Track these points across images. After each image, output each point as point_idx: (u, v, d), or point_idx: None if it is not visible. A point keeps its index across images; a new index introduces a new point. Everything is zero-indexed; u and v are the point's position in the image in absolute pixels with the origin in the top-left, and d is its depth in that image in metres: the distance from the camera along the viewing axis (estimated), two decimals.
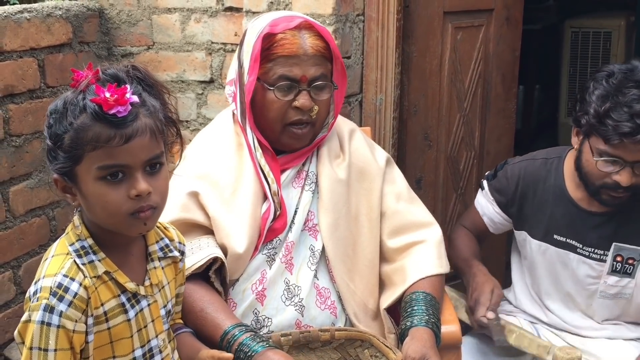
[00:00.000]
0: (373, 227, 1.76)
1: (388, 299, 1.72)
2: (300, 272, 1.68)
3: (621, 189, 1.78)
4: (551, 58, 4.93)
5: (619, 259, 1.89)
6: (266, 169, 1.68)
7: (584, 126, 1.80)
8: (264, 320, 1.64)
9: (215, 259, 1.61)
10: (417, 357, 1.51)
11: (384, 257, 1.79)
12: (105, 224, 1.26)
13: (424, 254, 1.75)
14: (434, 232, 1.80)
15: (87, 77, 1.21)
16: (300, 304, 1.65)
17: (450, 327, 1.68)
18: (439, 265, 1.75)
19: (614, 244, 1.88)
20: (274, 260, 1.68)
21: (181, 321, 1.55)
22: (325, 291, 1.70)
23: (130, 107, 1.20)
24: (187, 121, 2.48)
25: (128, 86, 1.21)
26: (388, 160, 1.86)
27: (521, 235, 2.04)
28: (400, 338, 1.62)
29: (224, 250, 1.65)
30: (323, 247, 1.71)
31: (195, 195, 1.67)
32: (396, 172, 1.87)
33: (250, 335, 1.50)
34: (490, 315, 1.84)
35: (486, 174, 2.15)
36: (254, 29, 1.68)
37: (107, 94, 1.18)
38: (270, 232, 1.68)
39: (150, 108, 1.25)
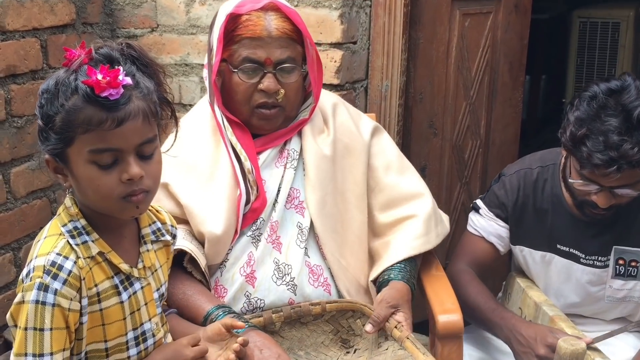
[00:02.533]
0: (360, 202, 1.76)
1: (374, 272, 1.73)
2: (289, 251, 1.67)
3: (601, 209, 1.74)
4: (558, 48, 4.89)
5: (621, 262, 1.85)
6: (238, 146, 1.67)
7: (563, 144, 1.75)
8: (256, 301, 1.63)
9: (185, 252, 1.60)
10: (392, 303, 1.57)
11: (375, 232, 1.79)
12: (96, 207, 1.24)
13: (411, 231, 1.75)
14: (424, 205, 1.79)
15: (80, 57, 1.18)
16: (292, 282, 1.65)
17: (452, 317, 1.66)
18: (426, 242, 1.76)
19: (614, 247, 1.84)
20: (260, 241, 1.67)
21: (166, 302, 1.54)
22: (318, 268, 1.69)
23: (122, 90, 1.17)
24: (190, 105, 2.45)
25: (121, 68, 1.18)
26: (374, 130, 1.84)
27: (516, 250, 1.99)
28: (378, 289, 1.67)
29: (202, 238, 1.64)
30: (311, 224, 1.70)
31: (164, 186, 1.66)
32: (384, 142, 1.85)
33: (233, 317, 1.50)
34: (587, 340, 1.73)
35: (480, 196, 2.06)
36: (223, 9, 1.66)
37: (99, 76, 1.15)
38: (251, 212, 1.66)
39: (144, 90, 1.22)
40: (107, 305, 1.26)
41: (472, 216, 2.03)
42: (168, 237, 1.41)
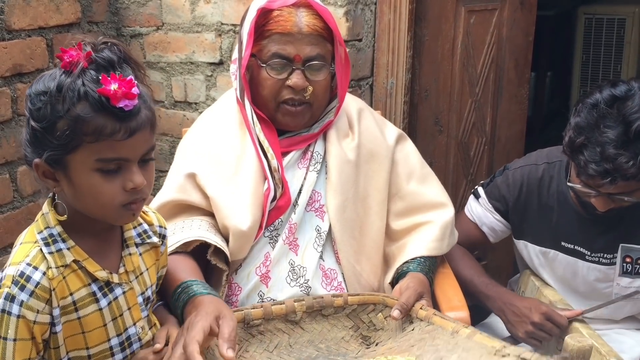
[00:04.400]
0: (380, 209, 1.76)
1: (390, 274, 1.74)
2: (305, 253, 1.67)
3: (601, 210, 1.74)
4: (564, 44, 4.87)
5: (628, 260, 1.85)
6: (265, 144, 1.66)
7: (563, 148, 1.75)
8: (269, 301, 1.62)
9: (209, 244, 1.58)
10: (419, 291, 1.56)
11: (391, 237, 1.79)
12: (91, 214, 1.23)
13: (428, 234, 1.75)
14: (443, 214, 1.79)
15: (80, 60, 1.15)
16: (306, 284, 1.65)
17: (459, 313, 1.67)
18: (439, 247, 1.76)
19: (621, 245, 1.84)
20: (277, 242, 1.67)
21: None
22: (332, 272, 1.69)
23: (137, 101, 1.16)
24: (195, 103, 2.46)
25: (132, 77, 1.16)
26: (399, 137, 1.84)
27: (520, 244, 2.00)
28: (396, 281, 1.68)
29: (226, 232, 1.63)
30: (329, 229, 1.70)
31: (192, 177, 1.66)
32: (408, 149, 1.85)
33: (202, 286, 1.45)
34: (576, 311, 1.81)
35: (481, 182, 2.08)
36: (254, 4, 1.66)
37: (115, 86, 1.13)
38: (275, 210, 1.66)
39: (146, 99, 1.21)
40: (85, 313, 1.24)
41: (472, 201, 2.05)
42: (155, 239, 1.39)
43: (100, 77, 1.14)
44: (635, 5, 4.35)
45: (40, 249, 1.21)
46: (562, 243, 1.90)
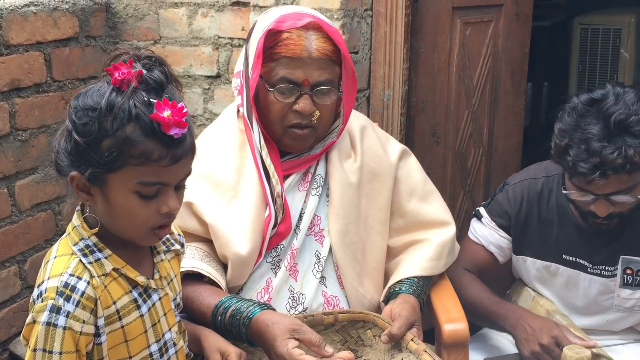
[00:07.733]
0: (382, 228, 1.74)
1: (383, 291, 1.72)
2: (304, 280, 1.65)
3: (602, 218, 1.74)
4: (560, 55, 4.89)
5: (629, 271, 1.85)
6: (271, 169, 1.63)
7: (551, 156, 1.76)
8: None
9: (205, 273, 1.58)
10: (411, 320, 1.53)
11: (390, 253, 1.78)
12: (119, 232, 1.23)
13: (422, 253, 1.74)
14: (443, 233, 1.77)
15: (132, 80, 1.14)
16: (305, 312, 1.62)
17: (458, 325, 1.67)
18: (434, 267, 1.74)
19: (621, 257, 1.84)
20: (279, 268, 1.64)
21: None
22: (334, 299, 1.67)
23: (186, 130, 1.17)
24: (193, 116, 2.47)
25: (184, 105, 1.17)
26: (402, 154, 1.82)
27: (519, 260, 1.99)
28: (387, 300, 1.65)
29: (225, 260, 1.61)
30: (329, 253, 1.68)
31: (188, 205, 1.62)
32: (411, 165, 1.83)
33: (241, 301, 1.49)
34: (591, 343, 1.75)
35: (482, 203, 2.07)
36: (262, 22, 1.62)
37: (168, 113, 1.13)
38: (276, 236, 1.63)
39: (191, 125, 1.21)
40: (129, 321, 1.25)
41: (474, 223, 2.04)
42: (178, 246, 1.40)
43: (150, 100, 1.14)
44: (631, 15, 4.37)
45: (80, 260, 1.21)
46: (564, 256, 1.90)
